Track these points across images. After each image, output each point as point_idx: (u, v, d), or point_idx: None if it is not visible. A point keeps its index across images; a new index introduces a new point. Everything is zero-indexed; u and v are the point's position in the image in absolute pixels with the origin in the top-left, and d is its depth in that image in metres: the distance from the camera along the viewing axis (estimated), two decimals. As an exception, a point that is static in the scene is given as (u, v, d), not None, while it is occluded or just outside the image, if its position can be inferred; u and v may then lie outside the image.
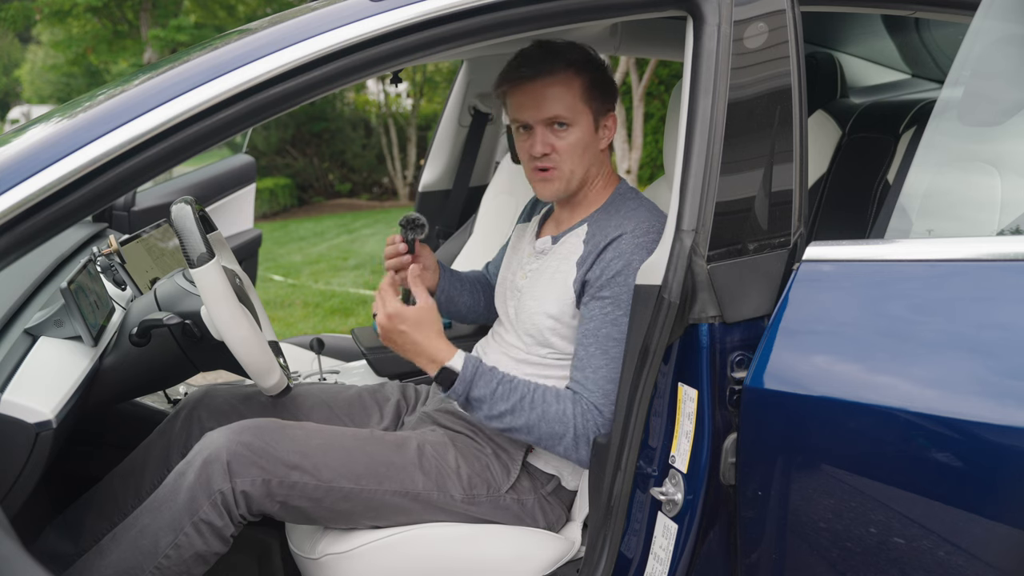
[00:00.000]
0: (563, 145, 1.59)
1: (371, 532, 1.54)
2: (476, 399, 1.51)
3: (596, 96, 1.60)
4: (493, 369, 1.53)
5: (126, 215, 2.94)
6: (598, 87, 1.60)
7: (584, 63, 1.60)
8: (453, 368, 1.50)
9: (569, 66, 1.58)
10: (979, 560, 1.11)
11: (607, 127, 1.64)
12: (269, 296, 6.44)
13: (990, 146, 1.54)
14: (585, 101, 1.59)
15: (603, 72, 1.63)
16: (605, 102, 1.62)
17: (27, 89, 25.57)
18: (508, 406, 1.50)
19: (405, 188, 13.19)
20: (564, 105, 1.57)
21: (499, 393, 1.51)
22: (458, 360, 1.51)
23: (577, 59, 1.59)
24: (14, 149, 1.10)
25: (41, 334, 1.46)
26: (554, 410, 1.50)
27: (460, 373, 1.50)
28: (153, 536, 1.44)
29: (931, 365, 1.17)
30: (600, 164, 1.66)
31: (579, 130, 1.59)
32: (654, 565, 1.38)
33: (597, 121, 1.62)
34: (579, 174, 1.62)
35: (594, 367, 1.51)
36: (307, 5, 1.30)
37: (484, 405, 1.51)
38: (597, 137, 1.63)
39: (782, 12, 1.35)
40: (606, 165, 1.68)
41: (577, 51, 1.61)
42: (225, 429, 1.49)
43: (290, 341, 2.68)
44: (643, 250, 1.50)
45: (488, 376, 1.51)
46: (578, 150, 1.60)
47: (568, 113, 1.57)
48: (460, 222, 2.97)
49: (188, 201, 1.53)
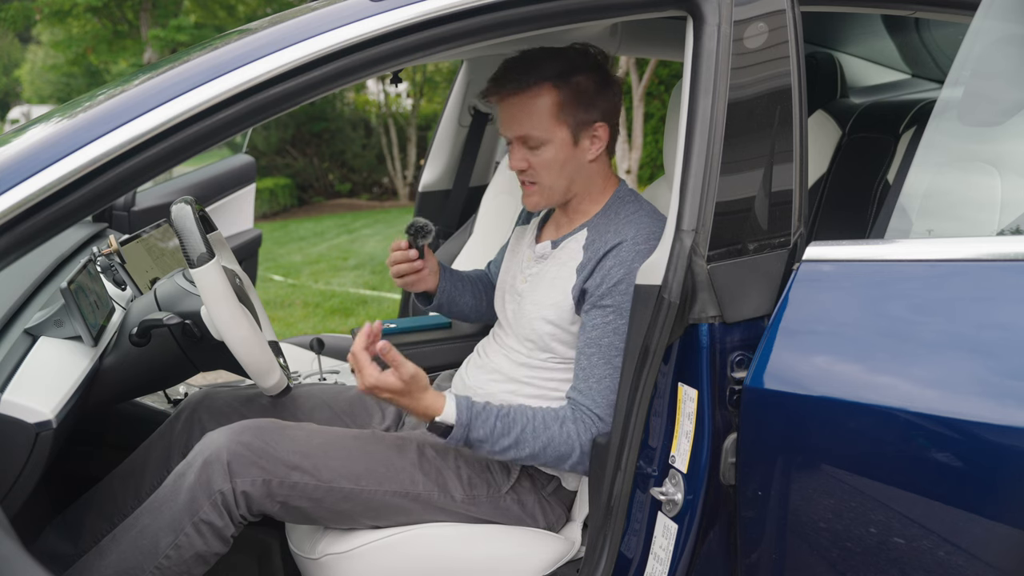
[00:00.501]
0: (538, 161, 1.56)
1: (371, 532, 1.54)
2: (477, 440, 1.48)
3: (574, 110, 1.54)
4: (487, 406, 1.50)
5: (126, 215, 2.94)
6: (578, 100, 1.54)
7: (561, 76, 1.53)
8: (447, 421, 1.46)
9: (544, 80, 1.52)
10: (979, 560, 1.11)
11: (596, 138, 1.57)
12: (269, 296, 6.44)
13: (990, 146, 1.54)
14: (560, 117, 1.53)
15: (590, 81, 1.55)
16: (588, 113, 1.55)
17: (27, 89, 25.57)
18: (511, 440, 1.49)
19: (405, 188, 13.19)
20: (534, 123, 1.54)
21: (499, 429, 1.48)
22: (450, 410, 1.46)
23: (553, 73, 1.53)
24: (14, 149, 1.10)
25: (41, 334, 1.46)
26: (556, 433, 1.49)
27: (456, 421, 1.46)
28: (153, 536, 1.44)
29: (931, 365, 1.17)
30: (588, 176, 1.61)
31: (554, 147, 1.55)
32: (654, 565, 1.38)
33: (577, 135, 1.56)
34: (560, 188, 1.59)
35: (597, 377, 1.50)
36: (307, 5, 1.30)
37: (486, 444, 1.49)
38: (578, 150, 1.57)
39: (782, 12, 1.35)
40: (600, 173, 1.63)
41: (558, 62, 1.54)
42: (225, 429, 1.49)
43: (290, 341, 2.68)
44: (643, 257, 1.46)
45: (484, 415, 1.48)
46: (554, 166, 1.56)
47: (539, 132, 1.54)
48: (460, 222, 2.97)
49: (188, 201, 1.53)
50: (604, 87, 1.58)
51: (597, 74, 1.57)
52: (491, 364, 1.69)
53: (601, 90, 1.57)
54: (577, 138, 1.56)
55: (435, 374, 2.01)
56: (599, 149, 1.59)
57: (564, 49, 1.58)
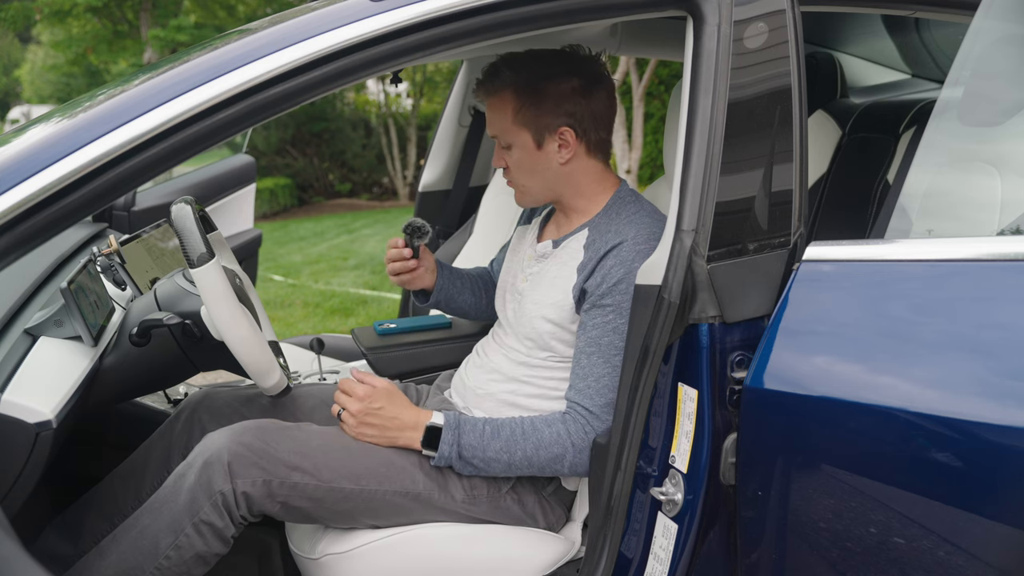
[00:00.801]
0: (511, 162, 1.63)
1: (371, 532, 1.54)
2: (469, 446, 1.51)
3: (535, 115, 1.57)
4: (473, 416, 1.57)
5: (126, 215, 2.94)
6: (539, 106, 1.56)
7: (526, 81, 1.56)
8: (436, 424, 1.52)
9: (506, 86, 1.58)
10: (979, 560, 1.11)
11: (564, 142, 1.58)
12: (269, 296, 6.44)
13: (990, 146, 1.54)
14: (519, 123, 1.58)
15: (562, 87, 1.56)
16: (552, 118, 1.57)
17: (27, 89, 25.57)
18: (501, 443, 1.51)
19: (405, 188, 13.19)
20: (498, 127, 1.61)
21: (488, 432, 1.52)
22: (439, 415, 1.54)
23: (514, 79, 1.57)
24: (14, 149, 1.10)
25: (41, 334, 1.46)
26: (547, 435, 1.51)
27: (444, 424, 1.52)
28: (153, 537, 1.44)
29: (931, 365, 1.17)
30: (567, 178, 1.62)
31: (518, 150, 1.60)
32: (654, 565, 1.38)
33: (540, 139, 1.58)
34: (535, 188, 1.64)
35: (596, 376, 1.51)
36: (307, 5, 1.30)
37: (478, 450, 1.51)
38: (543, 154, 1.59)
39: (782, 12, 1.35)
40: (587, 174, 1.63)
41: (528, 67, 1.57)
42: (226, 430, 1.49)
43: (290, 341, 2.68)
44: (644, 257, 1.47)
45: (472, 421, 1.54)
46: (523, 167, 1.62)
47: (502, 135, 1.61)
48: (460, 222, 2.97)
49: (188, 201, 1.53)
50: (581, 92, 1.58)
51: (576, 79, 1.58)
52: (490, 364, 1.69)
53: (574, 95, 1.58)
54: (540, 142, 1.59)
55: (435, 374, 2.01)
56: (570, 152, 1.60)
57: (545, 53, 1.61)
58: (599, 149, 1.64)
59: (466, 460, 1.52)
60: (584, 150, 1.61)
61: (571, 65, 1.59)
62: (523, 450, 1.51)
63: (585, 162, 1.63)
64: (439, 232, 2.99)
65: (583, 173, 1.63)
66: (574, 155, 1.61)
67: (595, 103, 1.60)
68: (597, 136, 1.62)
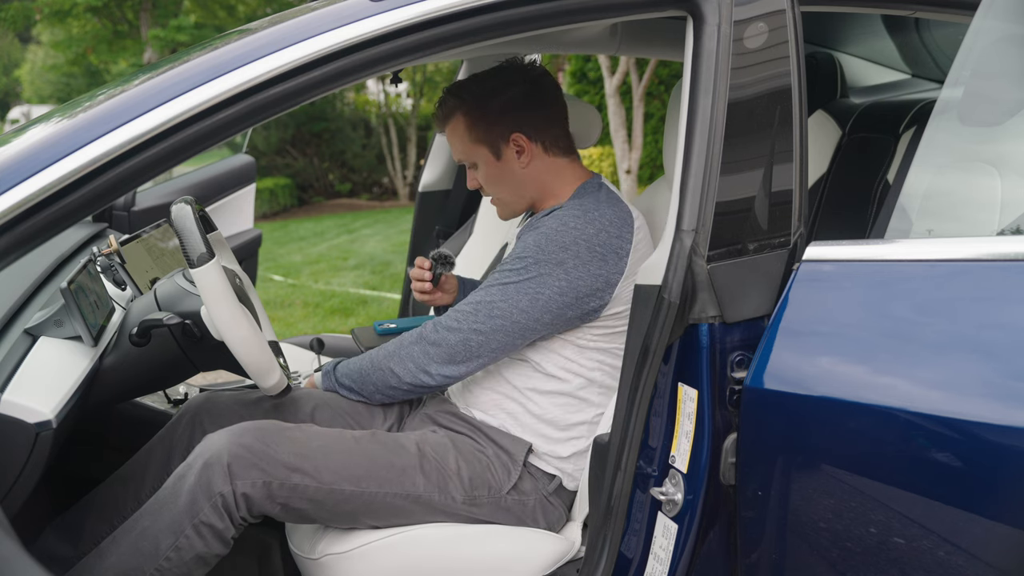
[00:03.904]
0: (481, 179, 1.72)
1: (371, 532, 1.54)
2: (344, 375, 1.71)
3: (485, 129, 1.65)
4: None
5: (126, 215, 2.94)
6: (485, 120, 1.64)
7: (467, 105, 1.65)
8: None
9: (455, 112, 1.67)
10: (979, 560, 1.11)
11: (520, 149, 1.65)
12: (269, 296, 6.44)
13: (990, 146, 1.54)
14: (474, 141, 1.67)
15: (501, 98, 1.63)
16: (501, 127, 1.64)
17: (27, 89, 25.58)
18: (366, 361, 1.68)
19: (405, 188, 13.19)
20: (459, 150, 1.71)
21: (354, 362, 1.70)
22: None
23: (460, 104, 1.66)
24: (14, 149, 1.10)
25: (41, 334, 1.46)
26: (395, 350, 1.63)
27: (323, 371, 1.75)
28: (154, 538, 1.44)
29: (931, 365, 1.17)
30: (533, 180, 1.68)
31: (483, 166, 1.69)
32: (654, 565, 1.38)
33: (497, 150, 1.66)
34: (510, 198, 1.71)
35: (457, 328, 1.57)
36: (307, 5, 1.30)
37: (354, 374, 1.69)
38: (504, 163, 1.67)
39: (782, 12, 1.35)
40: (549, 172, 1.69)
41: (464, 93, 1.66)
42: (225, 431, 1.49)
43: (290, 341, 2.68)
44: (563, 224, 1.55)
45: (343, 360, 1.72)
46: (492, 181, 1.70)
47: (465, 156, 1.71)
48: (460, 222, 2.97)
49: (188, 201, 1.53)
50: (524, 97, 1.66)
51: (516, 88, 1.65)
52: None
53: (517, 102, 1.65)
54: (498, 153, 1.66)
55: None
56: (528, 156, 1.66)
57: (483, 73, 1.69)
58: (557, 146, 1.69)
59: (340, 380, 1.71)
60: (541, 150, 1.67)
61: (509, 76, 1.67)
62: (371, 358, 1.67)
63: (546, 161, 1.68)
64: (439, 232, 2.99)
65: (546, 172, 1.69)
66: (532, 157, 1.67)
67: (539, 104, 1.67)
68: (551, 134, 1.68)
